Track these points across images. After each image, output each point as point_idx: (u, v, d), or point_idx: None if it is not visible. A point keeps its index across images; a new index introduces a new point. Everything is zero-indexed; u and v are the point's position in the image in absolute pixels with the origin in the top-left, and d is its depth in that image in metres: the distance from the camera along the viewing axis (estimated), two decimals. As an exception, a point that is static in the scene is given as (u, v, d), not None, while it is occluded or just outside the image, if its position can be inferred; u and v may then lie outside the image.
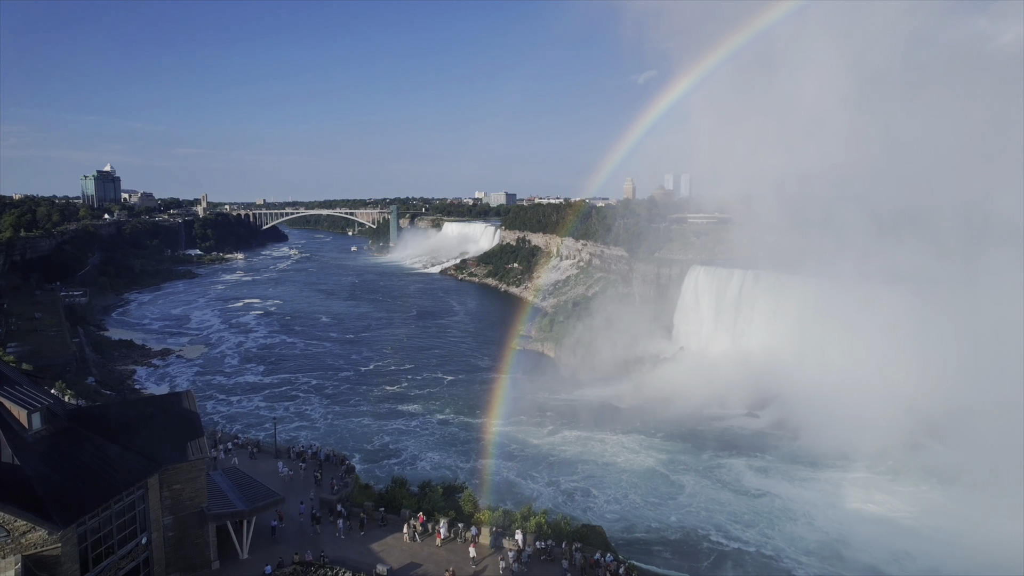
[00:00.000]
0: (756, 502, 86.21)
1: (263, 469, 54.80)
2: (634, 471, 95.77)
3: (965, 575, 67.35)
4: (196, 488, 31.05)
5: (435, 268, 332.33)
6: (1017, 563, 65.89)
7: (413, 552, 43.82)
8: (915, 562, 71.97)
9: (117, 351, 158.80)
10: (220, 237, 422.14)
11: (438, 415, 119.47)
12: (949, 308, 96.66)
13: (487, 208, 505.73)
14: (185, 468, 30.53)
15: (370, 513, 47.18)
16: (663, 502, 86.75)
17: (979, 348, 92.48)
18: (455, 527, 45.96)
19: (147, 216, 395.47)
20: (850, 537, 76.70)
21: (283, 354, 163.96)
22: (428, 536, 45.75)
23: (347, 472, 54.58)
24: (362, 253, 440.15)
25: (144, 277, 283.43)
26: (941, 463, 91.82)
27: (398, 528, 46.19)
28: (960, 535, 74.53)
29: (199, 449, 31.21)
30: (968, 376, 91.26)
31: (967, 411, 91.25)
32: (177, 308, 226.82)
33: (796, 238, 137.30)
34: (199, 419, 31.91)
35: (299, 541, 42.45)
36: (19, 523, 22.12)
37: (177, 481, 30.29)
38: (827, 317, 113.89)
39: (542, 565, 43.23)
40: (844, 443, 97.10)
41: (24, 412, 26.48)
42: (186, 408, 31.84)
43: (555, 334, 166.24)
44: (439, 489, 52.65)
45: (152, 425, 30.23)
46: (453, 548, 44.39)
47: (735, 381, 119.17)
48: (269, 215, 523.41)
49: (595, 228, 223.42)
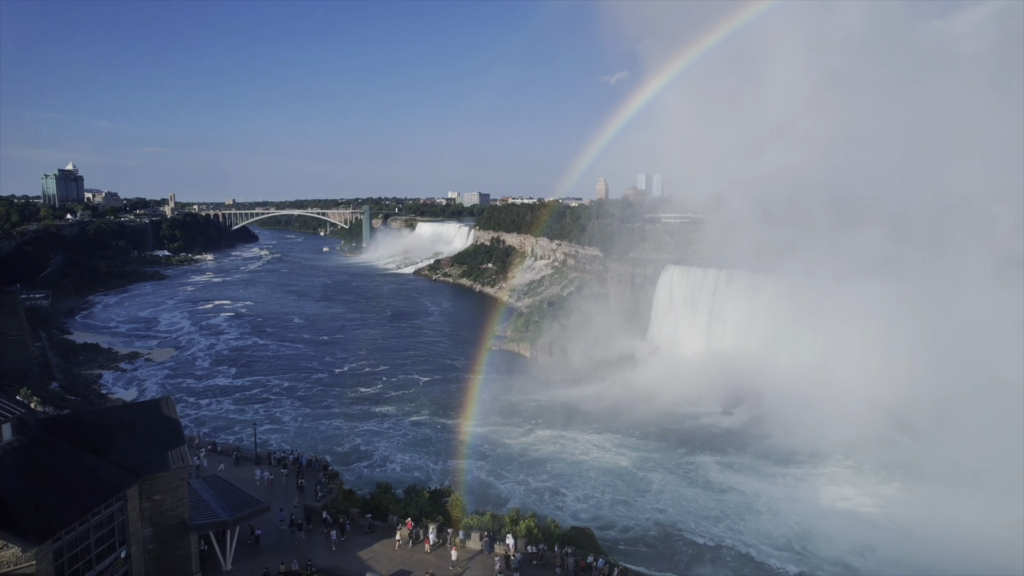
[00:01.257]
0: (727, 498, 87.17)
1: (243, 476, 53.62)
2: (607, 469, 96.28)
3: (925, 565, 69.09)
4: (178, 498, 30.12)
5: (409, 268, 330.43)
6: (976, 553, 67.98)
7: (402, 559, 43.13)
8: (876, 554, 73.39)
9: (82, 355, 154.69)
10: (189, 238, 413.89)
11: (412, 416, 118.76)
12: (916, 304, 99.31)
13: (461, 208, 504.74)
14: (166, 478, 29.56)
15: (356, 520, 46.48)
16: (635, 500, 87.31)
17: (945, 343, 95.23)
18: (444, 533, 45.50)
19: (112, 216, 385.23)
20: (814, 531, 78.00)
21: (255, 356, 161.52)
22: (418, 543, 45.21)
23: (330, 478, 53.74)
24: (334, 253, 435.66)
25: (110, 279, 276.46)
26: (907, 457, 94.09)
27: (386, 535, 45.46)
28: (922, 527, 76.17)
29: (180, 458, 30.27)
30: (935, 371, 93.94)
31: (934, 405, 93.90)
32: (145, 310, 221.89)
33: (768, 237, 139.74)
34: (180, 426, 31.01)
35: (283, 550, 41.62)
36: None
37: (157, 491, 29.36)
38: (799, 315, 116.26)
39: (533, 569, 42.95)
40: (815, 439, 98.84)
41: None
42: (166, 415, 30.85)
43: (530, 334, 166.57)
44: (425, 494, 52.15)
45: (130, 433, 29.27)
46: (443, 555, 43.86)
47: (709, 380, 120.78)
48: (239, 215, 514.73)
49: (569, 228, 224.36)
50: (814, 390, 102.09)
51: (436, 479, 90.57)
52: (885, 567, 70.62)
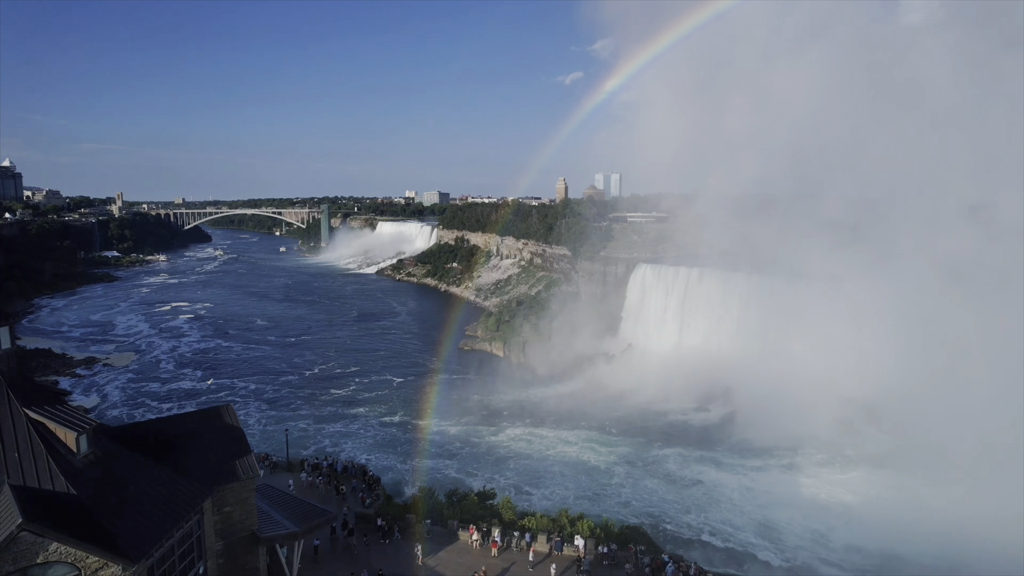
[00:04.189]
0: (698, 491, 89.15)
1: (276, 484, 51.37)
2: (579, 466, 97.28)
3: (882, 549, 72.27)
4: (247, 510, 28.96)
5: (371, 268, 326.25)
6: (929, 532, 71.66)
7: (472, 564, 42.24)
8: (836, 537, 76.31)
9: (34, 361, 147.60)
10: (139, 238, 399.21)
11: (382, 417, 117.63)
12: (883, 301, 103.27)
13: (421, 207, 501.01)
14: (236, 489, 28.41)
15: (413, 525, 45.40)
16: (607, 495, 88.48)
17: (909, 336, 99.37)
18: (508, 535, 44.73)
19: (55, 216, 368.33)
20: (778, 519, 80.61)
21: (219, 359, 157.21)
22: (483, 547, 44.31)
23: (372, 484, 52.29)
24: (292, 253, 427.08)
25: (57, 281, 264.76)
26: (874, 448, 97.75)
27: (446, 540, 44.36)
28: (883, 512, 79.22)
29: (249, 468, 29.11)
30: (901, 364, 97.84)
31: (900, 397, 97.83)
32: (97, 313, 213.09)
33: (735, 236, 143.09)
34: (244, 434, 29.76)
35: (343, 559, 40.15)
36: (91, 560, 20.01)
37: (227, 503, 28.24)
38: (770, 312, 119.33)
39: (605, 569, 42.47)
40: (786, 433, 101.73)
41: (72, 434, 24.22)
42: (228, 423, 29.48)
43: (502, 333, 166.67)
44: (474, 497, 51.23)
45: (198, 443, 28.11)
46: (510, 557, 42.91)
47: (682, 377, 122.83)
48: (191, 215, 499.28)
49: (536, 227, 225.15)
50: (785, 385, 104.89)
51: (407, 479, 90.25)
52: (844, 553, 73.42)
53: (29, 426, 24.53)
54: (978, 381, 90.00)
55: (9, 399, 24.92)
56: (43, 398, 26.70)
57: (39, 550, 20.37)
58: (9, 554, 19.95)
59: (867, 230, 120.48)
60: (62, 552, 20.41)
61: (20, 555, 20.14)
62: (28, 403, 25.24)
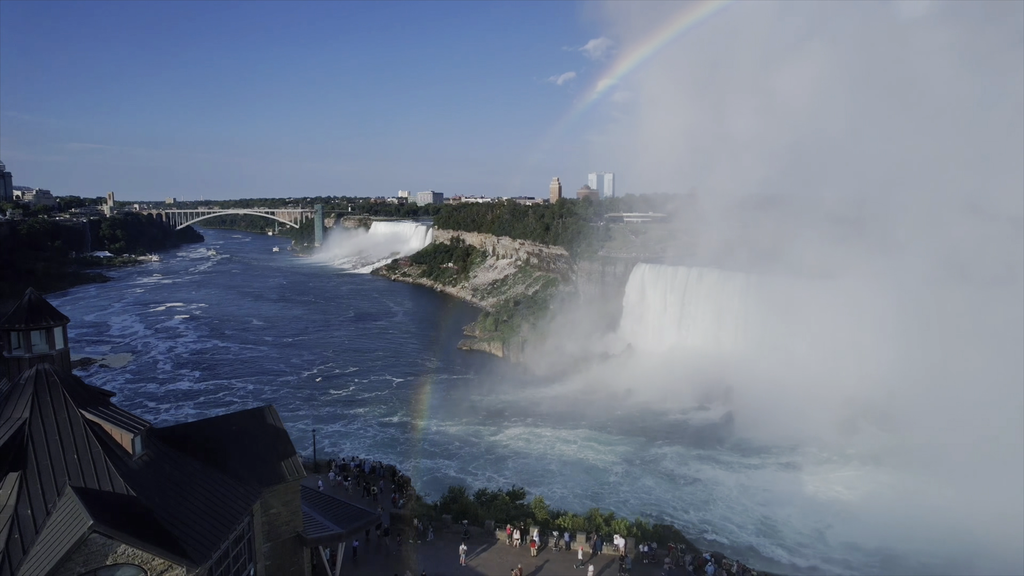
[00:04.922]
0: (699, 490, 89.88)
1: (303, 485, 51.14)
2: (578, 464, 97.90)
3: (880, 547, 73.31)
4: (292, 511, 29.03)
5: (366, 268, 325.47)
6: (932, 533, 72.37)
7: (512, 564, 42.12)
8: (834, 533, 77.29)
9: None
10: (131, 238, 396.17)
11: (381, 418, 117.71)
12: (883, 300, 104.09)
13: (415, 207, 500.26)
14: (282, 490, 28.39)
15: (450, 526, 45.48)
16: (605, 493, 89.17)
17: (909, 334, 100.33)
18: (547, 535, 44.81)
19: (46, 215, 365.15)
20: (774, 517, 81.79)
21: (217, 359, 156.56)
22: (522, 547, 44.33)
23: (402, 484, 52.19)
24: (286, 254, 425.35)
25: (49, 281, 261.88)
26: (873, 446, 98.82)
27: (483, 541, 44.37)
28: (883, 511, 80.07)
29: (295, 468, 29.13)
30: (900, 363, 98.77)
31: (899, 395, 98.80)
32: (91, 314, 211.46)
33: (734, 236, 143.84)
34: (288, 435, 29.74)
35: (382, 560, 40.04)
36: (157, 562, 19.98)
37: (274, 505, 28.20)
38: (770, 312, 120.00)
39: (644, 568, 42.63)
40: (786, 431, 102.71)
41: (128, 436, 24.19)
42: (271, 424, 29.40)
43: (501, 333, 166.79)
44: (505, 497, 51.22)
45: (242, 444, 28.27)
46: (549, 557, 42.90)
47: (683, 376, 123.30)
48: (183, 215, 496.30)
49: (533, 227, 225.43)
50: (785, 384, 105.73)
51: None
52: (844, 551, 74.18)
53: (86, 427, 24.48)
54: (977, 380, 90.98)
55: (66, 400, 24.92)
56: (94, 398, 26.69)
57: (108, 552, 20.40)
58: (80, 556, 19.95)
59: (866, 228, 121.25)
60: (130, 554, 20.48)
61: (91, 557, 20.18)
62: (82, 404, 25.27)
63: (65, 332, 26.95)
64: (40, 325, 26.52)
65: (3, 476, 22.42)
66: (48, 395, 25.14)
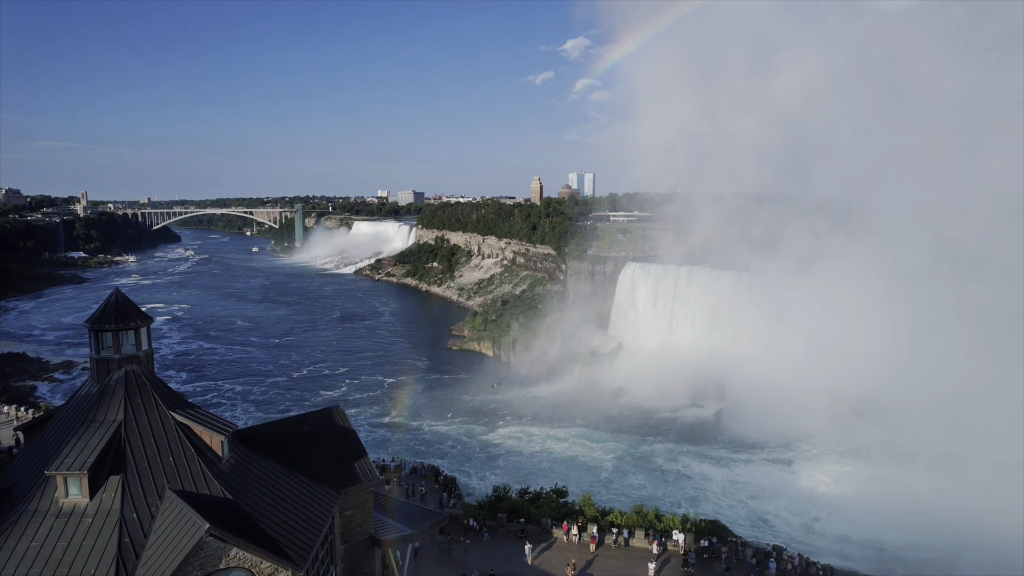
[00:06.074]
0: (690, 486, 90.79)
1: None
2: (569, 461, 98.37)
3: (869, 539, 74.49)
4: (365, 513, 28.83)
5: (348, 268, 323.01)
6: (921, 527, 73.81)
7: (576, 561, 42.22)
8: (823, 526, 78.73)
9: (8, 365, 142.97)
10: (106, 238, 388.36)
11: (372, 418, 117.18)
12: (873, 298, 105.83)
13: (397, 207, 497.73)
14: (356, 492, 28.11)
15: (505, 525, 45.51)
16: (594, 489, 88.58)
17: (897, 331, 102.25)
18: (605, 532, 45.06)
19: (16, 215, 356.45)
20: (765, 511, 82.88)
21: (203, 360, 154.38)
22: (580, 544, 44.50)
23: (448, 485, 51.87)
24: (266, 254, 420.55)
25: (23, 282, 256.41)
26: (863, 441, 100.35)
27: (539, 539, 44.40)
28: (872, 504, 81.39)
29: (368, 470, 28.84)
30: (890, 360, 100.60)
31: (888, 391, 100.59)
32: (69, 316, 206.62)
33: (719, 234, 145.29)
34: (358, 436, 29.43)
35: (445, 561, 39.85)
36: (265, 565, 19.92)
37: (348, 507, 27.97)
38: (761, 310, 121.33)
39: (705, 562, 43.04)
40: (777, 427, 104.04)
41: (218, 438, 23.82)
42: (340, 424, 29.29)
43: (489, 333, 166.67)
44: (553, 495, 51.09)
45: (317, 446, 28.10)
46: (610, 553, 43.17)
47: (675, 374, 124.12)
48: (159, 215, 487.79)
49: (519, 226, 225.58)
50: (777, 380, 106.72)
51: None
52: (832, 541, 75.58)
53: (178, 430, 24.17)
54: (965, 374, 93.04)
55: (156, 402, 24.51)
56: (179, 400, 26.27)
57: (222, 555, 20.35)
58: (197, 560, 19.85)
59: (854, 223, 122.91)
60: (241, 557, 20.42)
61: (206, 561, 20.11)
62: (171, 406, 24.89)
63: (149, 332, 26.40)
64: (129, 325, 25.92)
65: (105, 479, 22.15)
66: (139, 397, 24.79)
